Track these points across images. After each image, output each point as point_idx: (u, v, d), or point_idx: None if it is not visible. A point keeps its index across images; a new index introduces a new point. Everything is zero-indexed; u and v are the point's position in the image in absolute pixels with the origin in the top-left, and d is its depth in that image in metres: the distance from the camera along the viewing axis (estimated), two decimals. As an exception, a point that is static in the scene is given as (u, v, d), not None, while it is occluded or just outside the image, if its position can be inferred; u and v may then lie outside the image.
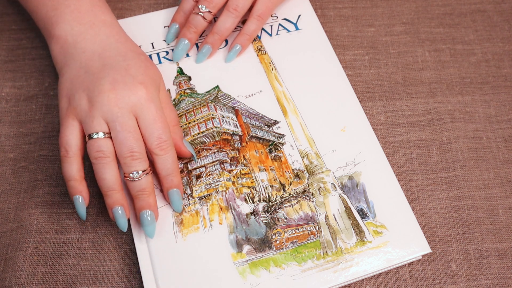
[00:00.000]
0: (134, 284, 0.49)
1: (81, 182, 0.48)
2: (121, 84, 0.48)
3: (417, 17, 0.66)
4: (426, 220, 0.52)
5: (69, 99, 0.49)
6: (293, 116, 0.56)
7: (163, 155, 0.48)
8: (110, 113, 0.47)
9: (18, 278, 0.49)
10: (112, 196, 0.47)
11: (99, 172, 0.47)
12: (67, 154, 0.47)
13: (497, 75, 0.61)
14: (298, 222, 0.50)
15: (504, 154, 0.56)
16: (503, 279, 0.50)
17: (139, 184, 0.47)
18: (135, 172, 0.47)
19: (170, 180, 0.49)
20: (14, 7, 0.66)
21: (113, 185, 0.47)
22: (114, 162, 0.47)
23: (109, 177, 0.47)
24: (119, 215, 0.48)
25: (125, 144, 0.47)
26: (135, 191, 0.48)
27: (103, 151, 0.47)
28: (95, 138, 0.47)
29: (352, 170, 0.52)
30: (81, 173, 0.48)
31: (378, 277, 0.50)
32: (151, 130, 0.48)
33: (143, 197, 0.48)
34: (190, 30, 0.58)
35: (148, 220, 0.48)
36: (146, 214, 0.48)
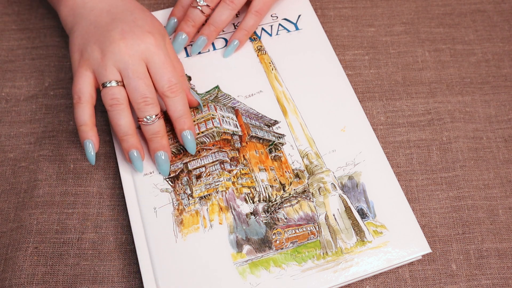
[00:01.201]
0: (134, 284, 0.49)
1: (92, 128, 0.50)
2: (130, 33, 0.50)
3: (417, 17, 0.66)
4: (426, 220, 0.52)
5: (81, 52, 0.51)
6: (293, 116, 0.56)
7: (174, 97, 0.51)
8: (122, 61, 0.49)
9: (18, 278, 0.49)
10: (128, 140, 0.50)
11: (114, 118, 0.50)
12: (80, 100, 0.50)
13: (497, 75, 0.61)
14: (298, 222, 0.50)
15: (504, 154, 0.56)
16: (503, 279, 0.50)
17: (153, 127, 0.50)
18: (148, 116, 0.50)
19: (182, 122, 0.52)
20: (14, 7, 0.67)
21: (128, 130, 0.50)
22: (127, 109, 0.50)
23: (124, 122, 0.50)
24: (134, 158, 0.51)
25: (138, 90, 0.49)
26: (149, 134, 0.51)
27: (117, 98, 0.49)
28: (109, 87, 0.49)
29: (352, 170, 0.52)
30: (93, 119, 0.50)
31: (378, 277, 0.50)
32: (161, 74, 0.50)
33: (157, 140, 0.51)
34: (188, 23, 0.58)
35: (163, 159, 0.51)
36: (160, 154, 0.51)
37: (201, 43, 0.59)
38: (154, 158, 0.51)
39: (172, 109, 0.51)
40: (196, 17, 0.58)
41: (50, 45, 0.63)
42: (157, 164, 0.51)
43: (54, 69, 0.62)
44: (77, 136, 0.57)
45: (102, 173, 0.55)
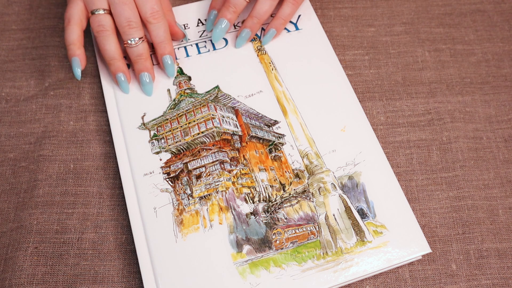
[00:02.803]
0: (134, 284, 0.49)
1: (80, 47, 0.55)
2: None
3: (417, 17, 0.66)
4: (426, 220, 0.52)
5: None
6: (293, 116, 0.56)
7: (156, 23, 0.55)
8: None
9: (18, 278, 0.49)
10: (114, 64, 0.55)
11: (101, 44, 0.55)
12: (69, 22, 0.54)
13: (497, 75, 0.61)
14: (298, 222, 0.50)
15: (504, 154, 0.56)
16: (503, 279, 0.50)
17: (137, 49, 0.55)
18: (132, 39, 0.54)
19: (163, 47, 0.56)
20: (14, 7, 0.67)
21: (114, 54, 0.55)
22: (114, 35, 0.55)
23: (110, 47, 0.55)
24: (121, 80, 0.56)
25: (123, 15, 0.54)
26: (134, 56, 0.55)
27: (103, 25, 0.54)
28: (96, 14, 0.54)
29: (352, 170, 0.52)
30: (81, 39, 0.55)
31: (378, 277, 0.50)
32: (145, 1, 0.54)
33: (141, 61, 0.56)
34: (230, 9, 0.58)
35: (146, 81, 0.56)
36: (145, 76, 0.56)
37: (245, 36, 0.59)
38: (139, 79, 0.56)
39: (154, 34, 0.56)
40: (238, 3, 0.58)
41: (50, 45, 0.63)
42: (141, 85, 0.56)
43: (54, 69, 0.62)
44: (77, 136, 0.57)
45: (102, 173, 0.55)
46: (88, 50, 0.63)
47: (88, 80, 0.61)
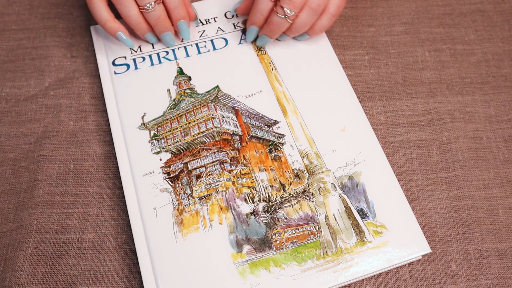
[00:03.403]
0: (134, 284, 0.49)
1: (115, 20, 0.57)
2: None
3: (417, 17, 0.66)
4: (426, 220, 0.52)
5: None
6: (293, 116, 0.56)
7: None
8: None
9: (18, 278, 0.49)
10: (140, 27, 0.58)
11: (123, 11, 0.56)
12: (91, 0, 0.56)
13: (497, 75, 0.61)
14: (298, 222, 0.50)
15: (504, 154, 0.56)
16: (503, 279, 0.50)
17: (154, 13, 0.56)
18: (148, 4, 0.55)
19: (177, 13, 0.58)
20: (14, 7, 0.67)
21: (138, 18, 0.57)
22: (133, 2, 0.56)
23: (132, 12, 0.56)
24: (151, 38, 0.59)
25: None
26: (153, 20, 0.57)
27: None
28: None
29: (352, 170, 0.52)
30: (111, 13, 0.57)
31: (378, 277, 0.50)
32: None
33: (160, 23, 0.57)
34: (274, 32, 0.58)
35: (169, 37, 0.59)
36: (167, 35, 0.59)
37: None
38: (161, 38, 0.59)
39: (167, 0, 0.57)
40: (283, 26, 0.57)
41: (50, 45, 0.63)
42: (165, 42, 0.59)
43: (54, 69, 0.62)
44: (77, 136, 0.57)
45: (102, 173, 0.55)
46: (89, 50, 0.63)
47: (88, 80, 0.61)
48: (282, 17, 0.55)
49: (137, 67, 0.59)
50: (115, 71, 0.59)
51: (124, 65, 0.60)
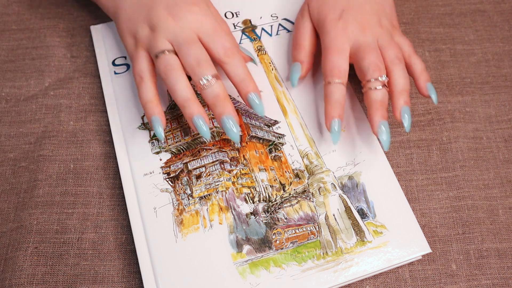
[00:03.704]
0: (134, 284, 0.49)
1: (158, 104, 0.49)
2: (175, 7, 0.51)
3: (417, 17, 0.66)
4: (426, 220, 0.52)
5: (132, 35, 0.52)
6: (293, 116, 0.56)
7: (231, 61, 0.50)
8: (173, 33, 0.50)
9: (18, 278, 0.49)
10: (190, 106, 0.48)
11: (171, 84, 0.48)
12: (142, 79, 0.50)
13: (497, 75, 0.61)
14: (298, 222, 0.50)
15: (504, 154, 0.56)
16: (503, 279, 0.50)
17: (212, 90, 0.48)
18: (205, 78, 0.48)
19: (245, 86, 0.50)
20: (14, 7, 0.67)
21: (187, 94, 0.48)
22: (183, 74, 0.49)
23: (182, 86, 0.48)
24: (200, 124, 0.48)
25: (190, 55, 0.48)
26: (210, 98, 0.48)
27: (171, 64, 0.49)
28: (162, 55, 0.49)
29: (352, 170, 0.52)
30: (157, 96, 0.50)
31: (378, 277, 0.50)
32: (214, 41, 0.50)
33: (219, 103, 0.48)
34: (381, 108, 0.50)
35: (231, 126, 0.48)
36: (228, 120, 0.48)
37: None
38: (221, 124, 0.48)
39: (232, 74, 0.50)
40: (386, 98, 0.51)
41: (50, 45, 0.63)
42: (225, 130, 0.48)
43: (54, 69, 0.62)
44: (77, 136, 0.57)
45: (102, 173, 0.55)
46: (89, 50, 0.63)
47: (88, 80, 0.61)
48: (381, 87, 0.50)
49: (137, 67, 0.59)
50: (115, 71, 0.59)
51: (124, 65, 0.60)
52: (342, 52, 0.52)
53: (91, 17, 0.65)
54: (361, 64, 0.51)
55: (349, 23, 0.52)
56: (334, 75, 0.51)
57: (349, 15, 0.53)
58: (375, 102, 0.50)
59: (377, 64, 0.50)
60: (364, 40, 0.52)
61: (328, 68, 0.51)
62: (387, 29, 0.54)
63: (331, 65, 0.51)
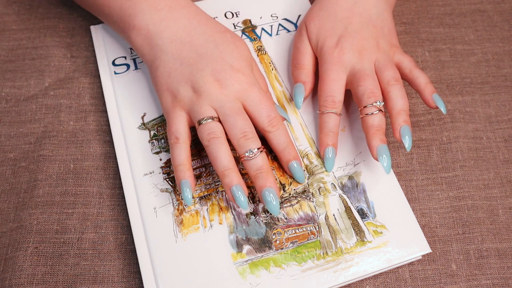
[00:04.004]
0: (134, 284, 0.49)
1: (189, 168, 0.49)
2: (222, 73, 0.50)
3: (417, 17, 0.66)
4: (426, 220, 0.52)
5: (171, 92, 0.51)
6: (293, 116, 0.56)
7: (276, 131, 0.50)
8: (218, 100, 0.49)
9: (18, 278, 0.49)
10: (229, 175, 0.47)
11: (214, 152, 0.48)
12: (178, 140, 0.49)
13: (497, 75, 0.61)
14: (298, 222, 0.50)
15: (504, 154, 0.56)
16: (503, 279, 0.50)
17: (256, 162, 0.48)
18: (249, 151, 0.48)
19: (287, 153, 0.51)
20: (14, 7, 0.67)
21: (228, 163, 0.48)
22: (226, 142, 0.48)
23: (224, 155, 0.48)
24: (239, 194, 0.47)
25: (236, 126, 0.48)
26: (253, 170, 0.48)
27: (215, 132, 0.48)
28: (206, 122, 0.48)
29: (352, 170, 0.52)
30: (190, 159, 0.49)
31: (378, 277, 0.50)
32: (259, 110, 0.50)
33: (262, 175, 0.48)
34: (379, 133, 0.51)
35: (272, 197, 0.47)
36: (269, 193, 0.48)
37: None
38: (261, 197, 0.48)
39: (275, 142, 0.50)
40: (383, 122, 0.51)
41: (50, 45, 0.63)
42: (265, 203, 0.48)
43: (54, 69, 0.62)
44: (77, 136, 0.57)
45: (102, 173, 0.55)
46: (89, 50, 0.63)
47: (88, 80, 0.61)
48: (377, 112, 0.51)
49: (137, 67, 0.59)
50: (115, 71, 0.59)
51: (124, 65, 0.60)
52: (337, 82, 0.52)
53: (91, 17, 0.65)
54: (357, 91, 0.52)
55: (346, 50, 0.53)
56: (327, 106, 0.52)
57: (346, 43, 0.53)
58: (372, 127, 0.50)
59: (372, 90, 0.51)
60: (361, 66, 0.53)
61: (322, 98, 0.52)
62: (384, 51, 0.54)
63: (325, 95, 0.52)
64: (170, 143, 0.49)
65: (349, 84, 0.53)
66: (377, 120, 0.51)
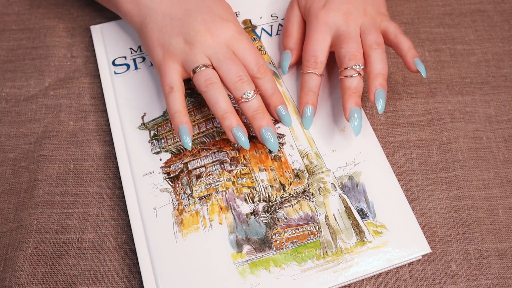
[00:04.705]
0: (134, 284, 0.49)
1: (186, 114, 0.51)
2: (212, 23, 0.52)
3: (417, 17, 0.66)
4: (426, 220, 0.52)
5: (163, 46, 0.52)
6: (293, 116, 0.56)
7: (264, 77, 0.52)
8: (211, 48, 0.51)
9: (18, 278, 0.49)
10: (229, 117, 0.50)
11: (212, 98, 0.50)
12: (172, 90, 0.51)
13: (497, 75, 0.61)
14: (298, 222, 0.50)
15: (504, 154, 0.56)
16: (503, 279, 0.50)
17: (252, 104, 0.51)
18: (247, 93, 0.50)
19: (275, 99, 0.53)
20: (14, 7, 0.67)
21: (227, 107, 0.50)
22: (223, 88, 0.51)
23: (223, 99, 0.50)
24: (239, 135, 0.50)
25: (231, 71, 0.51)
26: (250, 111, 0.51)
27: (211, 77, 0.50)
28: (201, 70, 0.50)
29: (352, 170, 0.52)
30: (186, 107, 0.51)
31: (378, 277, 0.50)
32: (249, 57, 0.52)
33: (259, 116, 0.51)
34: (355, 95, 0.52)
35: (269, 135, 0.51)
36: (267, 131, 0.51)
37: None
38: (260, 136, 0.51)
39: (264, 88, 0.53)
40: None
41: (50, 45, 0.63)
42: (264, 141, 0.51)
43: (54, 69, 0.62)
44: (77, 136, 0.57)
45: (102, 173, 0.55)
46: (89, 50, 0.63)
47: (88, 80, 0.61)
48: (356, 75, 0.52)
49: (137, 67, 0.59)
50: (115, 71, 0.59)
51: (124, 65, 0.60)
52: (320, 43, 0.54)
53: (91, 17, 0.65)
54: (339, 52, 0.53)
55: (332, 12, 0.54)
56: (309, 66, 0.54)
57: (333, 4, 0.55)
58: (349, 89, 0.52)
59: (354, 53, 0.52)
60: (346, 29, 0.54)
61: (305, 58, 0.54)
62: (371, 17, 0.55)
63: (308, 55, 0.54)
64: (164, 94, 0.51)
65: (333, 46, 0.55)
66: (355, 83, 0.52)
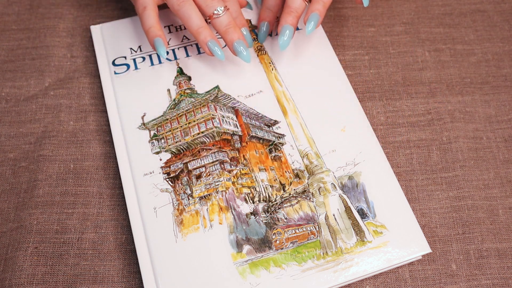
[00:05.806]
0: (134, 284, 0.49)
1: (160, 29, 0.54)
2: None
3: (417, 17, 0.66)
4: (426, 220, 0.52)
5: None
6: (293, 116, 0.56)
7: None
8: None
9: (18, 278, 0.49)
10: (203, 32, 0.54)
11: (186, 14, 0.54)
12: (145, 8, 0.54)
13: (497, 75, 0.61)
14: (298, 222, 0.50)
15: (504, 154, 0.56)
16: (503, 279, 0.50)
17: (224, 19, 0.54)
18: (218, 8, 0.54)
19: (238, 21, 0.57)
20: (14, 7, 0.67)
21: (201, 22, 0.54)
22: (195, 5, 0.54)
23: (195, 15, 0.54)
24: (215, 48, 0.54)
25: None
26: (222, 27, 0.54)
27: None
28: None
29: (352, 170, 0.52)
30: (159, 23, 0.54)
31: (378, 277, 0.50)
32: None
33: (230, 30, 0.54)
34: (292, 15, 0.56)
35: (242, 48, 0.55)
36: (239, 44, 0.54)
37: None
38: (233, 49, 0.54)
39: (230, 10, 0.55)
40: (300, 7, 0.56)
41: (50, 45, 0.63)
42: (238, 53, 0.54)
43: (54, 69, 0.62)
44: (77, 136, 0.57)
45: (102, 173, 0.55)
46: (89, 50, 0.63)
47: (88, 80, 0.61)
48: None
49: (137, 67, 0.59)
50: (115, 71, 0.59)
51: (124, 65, 0.60)
52: None
53: (91, 17, 0.65)
54: None
55: None
56: None
57: None
58: (289, 8, 0.55)
59: None
60: None
61: None
62: None
63: None
64: (138, 13, 0.54)
65: None
66: (297, 4, 0.55)
